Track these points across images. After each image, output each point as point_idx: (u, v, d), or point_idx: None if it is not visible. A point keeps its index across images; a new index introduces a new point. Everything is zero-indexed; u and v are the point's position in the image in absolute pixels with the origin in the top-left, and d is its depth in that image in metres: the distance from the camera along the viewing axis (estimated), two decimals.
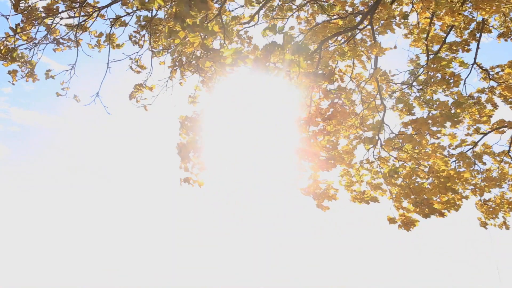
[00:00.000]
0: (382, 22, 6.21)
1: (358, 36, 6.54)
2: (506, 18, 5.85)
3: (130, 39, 7.08)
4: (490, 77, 5.76)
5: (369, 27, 6.23)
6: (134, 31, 7.12)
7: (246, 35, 7.53)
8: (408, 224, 5.63)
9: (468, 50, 6.10)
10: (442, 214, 5.48)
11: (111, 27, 5.92)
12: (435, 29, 5.69)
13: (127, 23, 6.07)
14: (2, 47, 5.64)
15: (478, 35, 5.79)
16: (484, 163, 6.37)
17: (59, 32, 5.90)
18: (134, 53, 6.52)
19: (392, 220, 5.76)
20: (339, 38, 6.73)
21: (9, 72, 5.68)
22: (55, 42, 5.56)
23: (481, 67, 5.80)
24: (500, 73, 5.57)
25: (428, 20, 5.63)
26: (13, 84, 5.70)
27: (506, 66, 5.42)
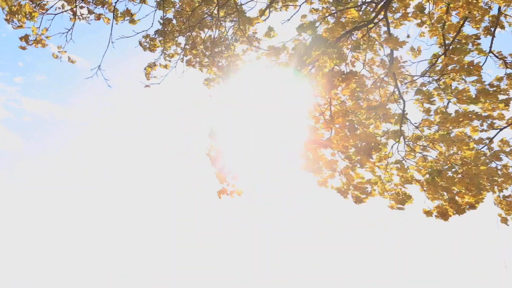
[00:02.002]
0: (397, 14, 6.35)
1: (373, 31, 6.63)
2: None
3: (140, 45, 7.01)
4: (507, 65, 5.83)
5: (384, 19, 6.35)
6: (144, 37, 7.08)
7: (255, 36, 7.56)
8: (444, 214, 5.36)
9: (477, 44, 6.21)
10: (474, 207, 5.25)
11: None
12: (450, 20, 5.80)
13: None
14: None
15: (493, 29, 5.94)
16: (500, 159, 6.28)
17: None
18: (144, 30, 6.38)
19: (428, 213, 5.48)
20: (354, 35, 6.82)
21: (21, 38, 5.43)
22: (72, 13, 5.34)
23: (496, 56, 5.87)
24: None
25: (445, 9, 5.75)
26: (25, 49, 5.41)
27: None
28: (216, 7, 6.90)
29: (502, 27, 6.19)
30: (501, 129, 6.18)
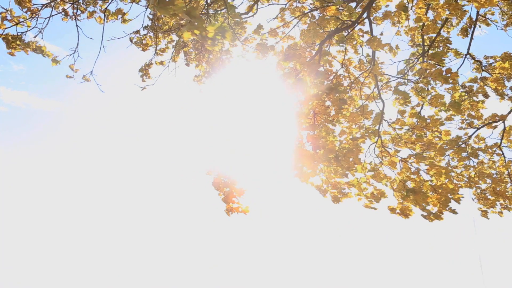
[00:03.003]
0: (379, 12, 6.35)
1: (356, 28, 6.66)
2: (503, 10, 5.97)
3: (131, 41, 7.32)
4: (483, 68, 5.85)
5: (367, 18, 6.37)
6: (134, 32, 7.37)
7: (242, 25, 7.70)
8: (405, 212, 5.70)
9: (448, 48, 6.20)
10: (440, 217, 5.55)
11: None
12: (428, 18, 5.79)
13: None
14: (9, 37, 5.86)
15: (470, 30, 5.90)
16: (477, 156, 6.44)
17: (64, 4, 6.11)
18: (134, 32, 6.70)
19: (393, 210, 5.81)
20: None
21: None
22: (63, 13, 5.72)
23: (473, 58, 5.89)
24: (493, 64, 5.67)
25: (424, 10, 5.74)
26: (14, 55, 5.87)
27: (499, 58, 5.52)
28: (205, 5, 7.11)
29: (488, 24, 6.11)
30: (478, 128, 6.28)
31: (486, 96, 5.80)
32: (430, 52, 5.75)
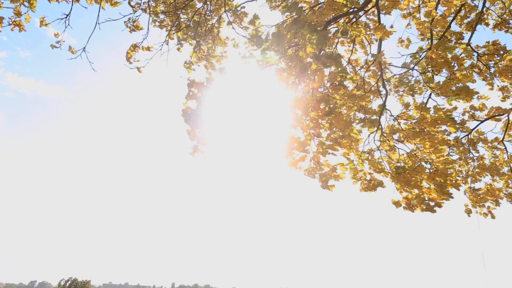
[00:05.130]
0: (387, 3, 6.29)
1: (362, 19, 6.58)
2: (505, 9, 6.11)
3: (129, 4, 6.74)
4: (479, 58, 5.92)
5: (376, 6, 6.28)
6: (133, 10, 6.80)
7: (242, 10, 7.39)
8: (411, 206, 5.50)
9: (461, 43, 6.26)
10: (439, 205, 5.39)
11: None
12: (437, 13, 5.79)
13: None
14: None
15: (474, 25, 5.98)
16: (477, 151, 6.46)
17: None
18: (131, 13, 6.20)
19: (397, 204, 5.60)
20: (341, 20, 6.73)
21: None
22: None
23: (473, 49, 5.94)
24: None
25: (434, 3, 5.74)
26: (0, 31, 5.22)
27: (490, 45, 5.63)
28: None
29: (487, 24, 6.24)
30: (481, 121, 6.29)
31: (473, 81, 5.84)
32: (437, 41, 5.72)
